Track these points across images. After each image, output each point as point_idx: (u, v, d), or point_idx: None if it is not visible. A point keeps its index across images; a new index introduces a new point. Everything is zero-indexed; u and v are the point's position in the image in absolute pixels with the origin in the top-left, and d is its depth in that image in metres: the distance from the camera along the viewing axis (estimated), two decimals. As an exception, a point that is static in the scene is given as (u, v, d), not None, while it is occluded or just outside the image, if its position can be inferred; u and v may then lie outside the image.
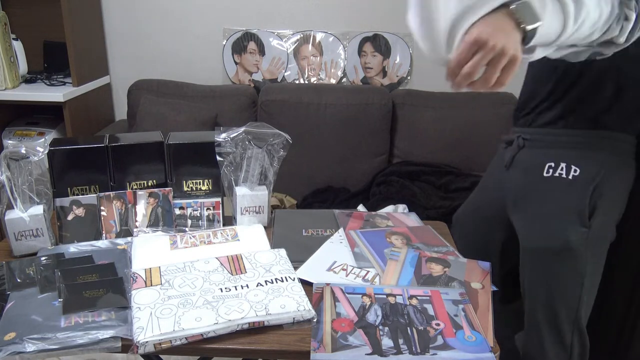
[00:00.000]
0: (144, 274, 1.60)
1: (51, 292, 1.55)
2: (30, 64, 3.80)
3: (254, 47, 4.07)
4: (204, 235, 1.86)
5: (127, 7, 4.05)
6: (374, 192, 3.53)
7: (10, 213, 1.76)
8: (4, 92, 3.52)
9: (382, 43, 4.02)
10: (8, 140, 3.65)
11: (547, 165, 1.89)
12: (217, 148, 1.88)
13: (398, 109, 3.83)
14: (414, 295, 1.59)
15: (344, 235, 1.93)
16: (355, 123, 3.74)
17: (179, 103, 3.75)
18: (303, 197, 3.66)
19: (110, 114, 4.30)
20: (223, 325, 1.42)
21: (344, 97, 3.78)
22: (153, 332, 1.38)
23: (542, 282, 1.94)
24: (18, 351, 1.33)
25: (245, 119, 3.83)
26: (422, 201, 3.32)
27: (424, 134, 3.80)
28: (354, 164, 3.79)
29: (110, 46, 4.16)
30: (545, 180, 1.89)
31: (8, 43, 3.49)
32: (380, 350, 1.39)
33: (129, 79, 3.99)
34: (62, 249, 1.78)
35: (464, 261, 1.78)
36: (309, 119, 3.71)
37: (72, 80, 3.66)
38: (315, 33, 4.05)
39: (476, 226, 2.29)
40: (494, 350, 1.42)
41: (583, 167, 1.83)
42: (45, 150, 1.76)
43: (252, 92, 3.94)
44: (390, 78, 4.08)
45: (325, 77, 4.10)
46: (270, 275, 1.62)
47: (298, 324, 1.49)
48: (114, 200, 1.87)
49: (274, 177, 1.96)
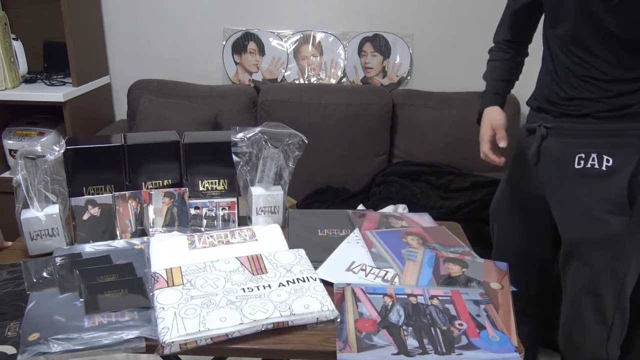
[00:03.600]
0: (165, 274, 1.60)
1: (71, 292, 1.54)
2: (30, 64, 3.78)
3: (254, 47, 4.06)
4: (222, 235, 1.85)
5: (127, 7, 4.04)
6: (374, 192, 3.53)
7: (26, 212, 1.75)
8: (4, 92, 3.50)
9: (382, 43, 4.02)
10: (8, 140, 3.64)
11: (577, 156, 1.89)
12: (233, 148, 1.87)
13: (398, 109, 3.83)
14: (435, 296, 1.59)
15: (360, 236, 1.93)
16: (355, 123, 3.74)
17: (179, 103, 3.74)
18: (303, 197, 3.65)
19: (110, 114, 4.29)
20: (248, 325, 1.42)
21: (344, 97, 3.78)
22: (179, 333, 1.38)
23: (586, 271, 1.95)
24: (43, 351, 1.32)
25: (245, 119, 3.84)
26: (422, 201, 3.32)
27: (424, 134, 3.80)
28: (354, 164, 3.78)
29: (110, 46, 4.15)
30: (578, 172, 1.90)
31: (8, 43, 3.48)
32: (405, 350, 1.39)
33: (129, 79, 3.98)
34: (78, 248, 1.78)
35: (481, 262, 1.78)
36: (309, 119, 3.70)
37: (72, 80, 3.65)
38: (315, 33, 4.04)
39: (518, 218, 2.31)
40: (519, 350, 1.42)
41: (616, 156, 1.83)
42: (61, 150, 1.75)
43: (252, 92, 3.93)
44: (390, 78, 4.08)
45: (325, 77, 4.09)
46: (292, 276, 1.62)
47: (321, 324, 1.49)
48: (130, 200, 1.86)
49: (289, 177, 1.95)
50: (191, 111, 3.66)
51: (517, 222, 2.31)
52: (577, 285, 1.99)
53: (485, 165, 3.70)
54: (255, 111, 3.90)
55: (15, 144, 3.63)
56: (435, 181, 3.55)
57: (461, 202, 3.26)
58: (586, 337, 2.01)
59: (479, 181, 3.46)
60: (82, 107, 3.75)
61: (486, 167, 3.69)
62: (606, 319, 1.95)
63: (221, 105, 3.82)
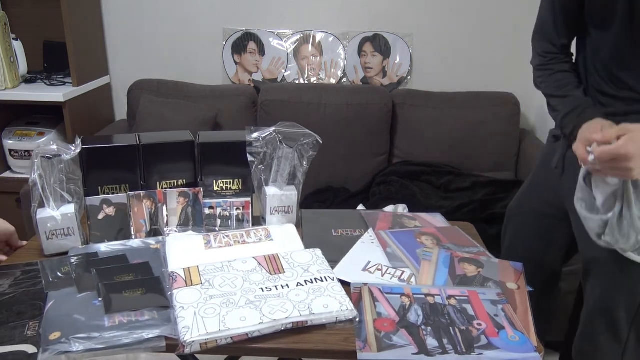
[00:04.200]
0: (183, 274, 1.60)
1: (89, 292, 1.54)
2: (30, 64, 3.78)
3: (254, 47, 4.06)
4: (238, 235, 1.85)
5: (127, 7, 4.03)
6: (374, 192, 3.53)
7: (42, 212, 1.75)
8: (4, 92, 3.50)
9: (382, 43, 4.02)
10: (8, 140, 3.63)
11: None
12: (248, 147, 1.87)
13: (398, 109, 3.84)
14: (452, 296, 1.60)
15: (374, 236, 1.94)
16: (355, 123, 3.74)
17: (179, 103, 3.74)
18: (303, 197, 3.64)
19: (110, 114, 4.28)
20: (268, 325, 1.42)
21: (344, 97, 3.78)
22: (199, 332, 1.38)
23: (600, 288, 1.93)
24: (65, 350, 1.32)
25: (245, 119, 3.84)
26: (422, 201, 3.33)
27: (424, 134, 3.81)
28: (354, 164, 3.79)
29: (110, 46, 4.14)
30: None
31: (8, 43, 3.47)
32: (426, 350, 1.40)
33: (129, 79, 3.98)
34: (94, 248, 1.78)
35: (496, 262, 1.79)
36: (309, 119, 3.70)
37: (72, 80, 3.65)
38: (315, 33, 4.05)
39: (536, 223, 2.25)
40: (538, 350, 1.42)
41: None
42: (77, 149, 1.75)
43: (252, 92, 3.93)
44: (390, 78, 4.08)
45: (325, 77, 4.09)
46: (310, 275, 1.63)
47: (340, 323, 1.49)
48: (144, 200, 1.86)
49: (303, 177, 1.95)
50: (191, 111, 3.66)
51: (534, 228, 2.25)
52: (592, 301, 1.96)
53: (485, 165, 3.75)
54: (255, 111, 3.90)
55: (15, 144, 3.63)
56: (435, 181, 3.56)
57: (461, 202, 3.27)
58: (599, 353, 1.99)
59: (479, 181, 3.47)
60: (82, 107, 3.75)
61: (486, 167, 3.73)
62: (620, 337, 1.92)
63: (221, 105, 3.82)
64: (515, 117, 3.79)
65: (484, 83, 4.04)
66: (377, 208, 2.83)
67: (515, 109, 3.80)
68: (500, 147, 3.78)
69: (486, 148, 3.75)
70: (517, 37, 3.91)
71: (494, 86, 4.00)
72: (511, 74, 4.04)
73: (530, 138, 3.91)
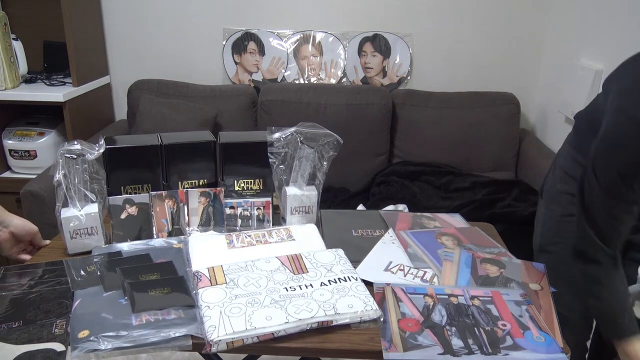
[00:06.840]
0: (207, 273, 1.60)
1: (115, 290, 1.54)
2: (30, 64, 3.78)
3: (254, 47, 4.07)
4: (259, 235, 1.85)
5: (127, 7, 4.03)
6: (374, 192, 3.54)
7: (66, 211, 1.75)
8: (4, 92, 3.49)
9: (382, 43, 4.04)
10: (8, 140, 3.62)
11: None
12: (269, 148, 1.88)
13: (398, 109, 3.85)
14: (476, 296, 1.61)
15: (394, 236, 1.95)
16: (355, 123, 3.75)
17: (179, 103, 3.74)
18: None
19: (110, 114, 4.28)
20: (294, 324, 1.43)
21: (344, 97, 3.79)
22: (226, 331, 1.38)
23: None
24: (93, 348, 1.33)
25: (245, 119, 3.85)
26: (422, 201, 3.34)
27: (424, 134, 3.82)
28: (354, 164, 3.79)
29: (110, 46, 4.14)
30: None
31: (8, 43, 3.46)
32: (451, 350, 1.40)
33: (129, 79, 3.97)
34: (117, 247, 1.78)
35: (519, 262, 1.79)
36: (309, 119, 3.66)
37: (72, 80, 3.65)
38: (315, 33, 4.06)
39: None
40: (565, 350, 1.43)
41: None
42: (101, 149, 1.76)
43: (252, 92, 3.94)
44: (390, 78, 4.10)
45: (325, 77, 4.10)
46: (333, 275, 1.63)
47: (364, 323, 1.49)
48: (166, 199, 1.86)
49: (323, 177, 1.96)
50: (191, 111, 3.66)
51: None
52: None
53: (485, 165, 3.76)
54: (255, 111, 3.91)
55: (15, 144, 3.61)
56: (435, 181, 3.57)
57: (461, 202, 3.28)
58: None
59: (479, 181, 3.48)
60: (82, 107, 3.74)
61: (486, 167, 3.74)
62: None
63: (221, 105, 3.82)
64: (515, 117, 3.81)
65: (484, 83, 4.06)
66: (377, 208, 2.83)
67: (515, 109, 3.82)
68: (500, 147, 3.80)
69: (486, 148, 3.77)
70: (517, 37, 3.93)
71: (494, 86, 4.03)
72: (511, 74, 4.05)
73: (530, 138, 3.92)
